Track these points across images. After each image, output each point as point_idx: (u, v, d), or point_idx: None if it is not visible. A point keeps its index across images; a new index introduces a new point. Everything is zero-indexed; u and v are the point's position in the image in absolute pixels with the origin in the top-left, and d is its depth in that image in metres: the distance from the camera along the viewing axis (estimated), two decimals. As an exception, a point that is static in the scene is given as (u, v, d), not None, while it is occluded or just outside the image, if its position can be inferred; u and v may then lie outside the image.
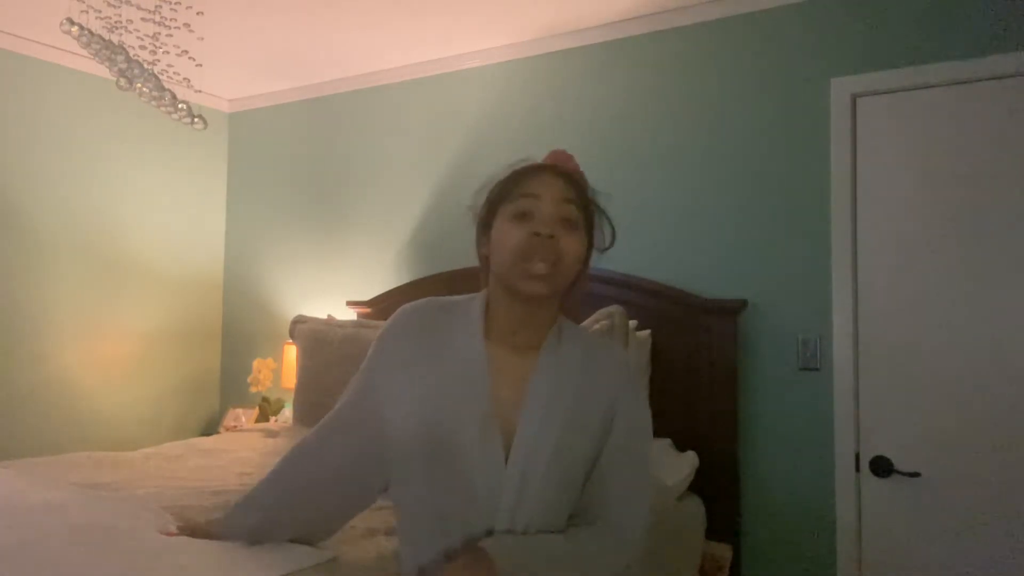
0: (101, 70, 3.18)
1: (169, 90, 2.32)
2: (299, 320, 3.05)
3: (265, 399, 3.46)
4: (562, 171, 1.15)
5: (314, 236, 3.65)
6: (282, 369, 3.43)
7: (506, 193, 1.13)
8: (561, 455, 1.09)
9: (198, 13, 2.47)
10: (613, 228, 1.19)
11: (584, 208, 1.14)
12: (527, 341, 1.15)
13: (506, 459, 1.07)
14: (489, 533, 1.06)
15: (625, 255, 2.71)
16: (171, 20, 2.27)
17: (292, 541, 1.31)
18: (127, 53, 2.17)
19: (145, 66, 2.23)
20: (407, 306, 1.22)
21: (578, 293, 1.19)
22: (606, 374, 1.17)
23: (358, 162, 3.53)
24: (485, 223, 1.17)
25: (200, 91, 2.88)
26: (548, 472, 1.07)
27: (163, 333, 3.70)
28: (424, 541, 1.10)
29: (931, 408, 2.19)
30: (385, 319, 3.19)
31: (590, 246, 1.16)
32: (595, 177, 1.22)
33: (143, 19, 2.25)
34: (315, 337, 2.92)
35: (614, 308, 2.31)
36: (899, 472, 2.22)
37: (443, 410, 1.10)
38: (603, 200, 1.19)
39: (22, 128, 3.16)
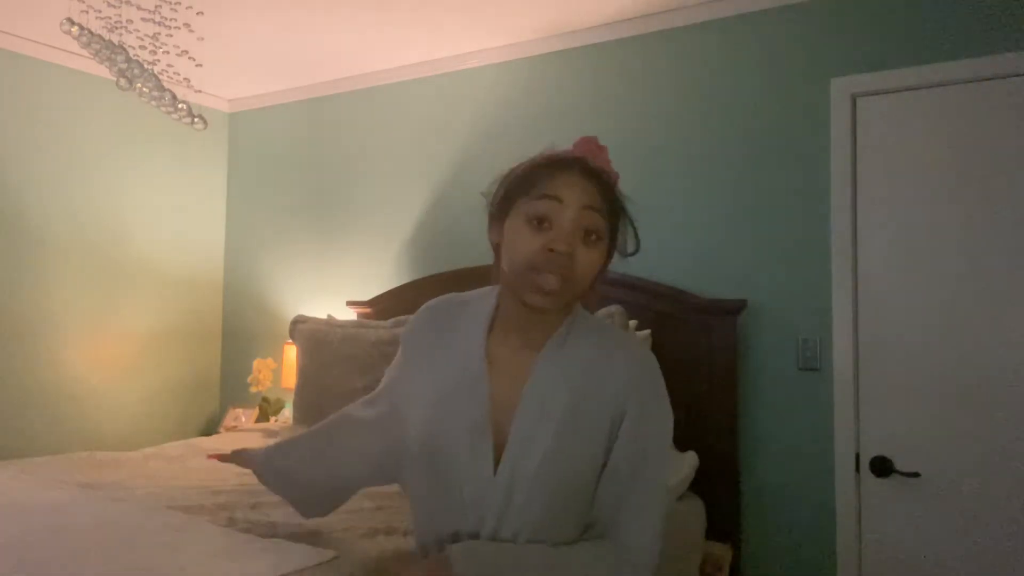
0: (101, 70, 3.18)
1: (169, 90, 2.32)
2: (299, 320, 3.05)
3: (265, 399, 3.46)
4: (591, 170, 1.05)
5: (314, 236, 3.65)
6: (282, 369, 3.43)
7: (527, 186, 1.04)
8: (554, 462, 1.03)
9: (198, 13, 2.47)
10: (638, 235, 1.11)
11: (610, 214, 1.06)
12: (533, 340, 1.09)
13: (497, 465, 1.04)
14: (474, 539, 1.04)
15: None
16: (171, 20, 2.26)
17: (295, 502, 1.39)
18: (127, 53, 2.17)
19: (145, 66, 2.23)
20: (427, 304, 1.22)
21: (594, 294, 1.12)
22: (617, 373, 1.08)
23: (358, 162, 3.53)
24: (500, 212, 1.08)
25: (200, 91, 2.88)
26: (537, 480, 1.02)
27: (163, 333, 3.70)
28: (420, 534, 1.13)
29: (931, 408, 2.19)
30: (385, 319, 3.20)
31: (611, 251, 1.09)
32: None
33: (143, 19, 2.24)
34: (315, 337, 2.92)
35: (614, 308, 2.31)
36: (899, 472, 2.22)
37: (441, 414, 1.08)
38: (630, 205, 1.10)
39: (22, 128, 3.16)
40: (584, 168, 1.05)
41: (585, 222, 1.02)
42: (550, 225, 1.01)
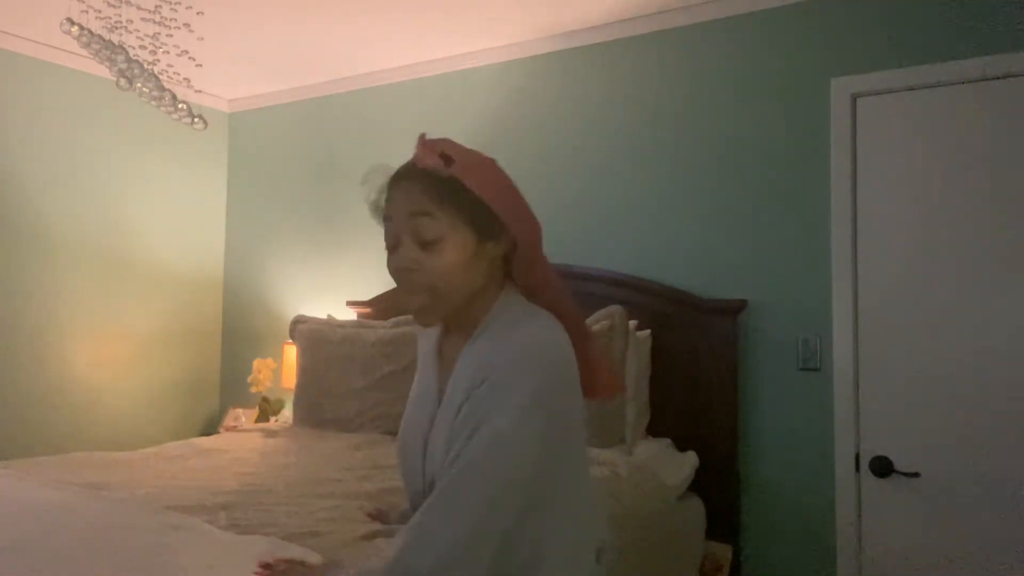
0: (101, 70, 3.18)
1: (169, 90, 2.32)
2: (299, 320, 3.05)
3: (265, 399, 3.46)
4: (414, 171, 1.01)
5: (314, 236, 3.65)
6: (282, 369, 3.43)
7: (381, 214, 1.07)
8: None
9: (198, 13, 2.47)
10: (492, 210, 1.02)
11: (448, 202, 0.99)
12: (458, 343, 1.11)
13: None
14: None
15: (625, 255, 2.71)
16: (171, 20, 2.26)
17: None
18: (127, 53, 2.17)
19: (145, 66, 2.23)
20: None
21: (522, 260, 1.05)
22: (490, 358, 0.99)
23: (358, 162, 3.53)
24: None
25: (200, 91, 2.88)
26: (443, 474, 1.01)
27: (163, 333, 3.70)
28: None
29: (931, 408, 2.19)
30: (385, 319, 3.19)
31: (492, 232, 1.01)
32: (595, 177, 1.19)
33: (143, 19, 2.24)
34: (315, 337, 2.92)
35: (614, 308, 2.31)
36: (899, 472, 2.22)
37: (407, 412, 1.18)
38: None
39: (22, 128, 3.16)
40: (409, 171, 1.02)
41: (411, 230, 1.00)
42: (392, 245, 1.03)
